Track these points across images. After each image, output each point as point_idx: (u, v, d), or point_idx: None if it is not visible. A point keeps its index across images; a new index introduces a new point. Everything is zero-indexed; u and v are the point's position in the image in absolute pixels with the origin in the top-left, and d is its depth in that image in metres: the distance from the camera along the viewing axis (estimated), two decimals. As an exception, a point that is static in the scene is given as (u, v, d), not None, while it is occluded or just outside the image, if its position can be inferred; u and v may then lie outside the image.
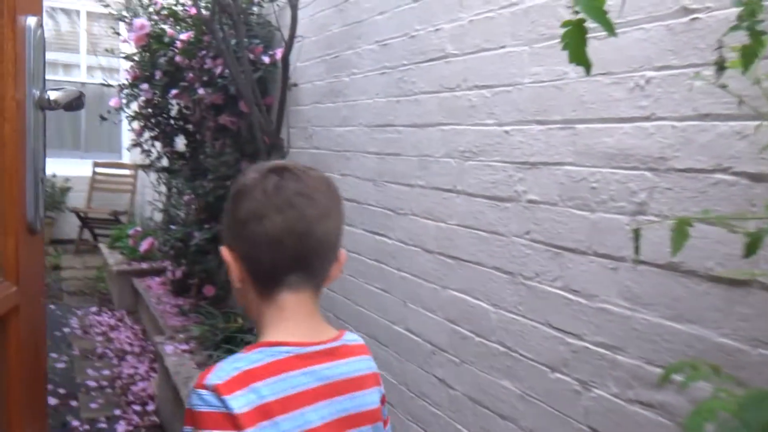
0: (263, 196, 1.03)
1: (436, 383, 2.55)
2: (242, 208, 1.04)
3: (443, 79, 2.50)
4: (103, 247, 6.94)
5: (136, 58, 5.10)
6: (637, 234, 1.45)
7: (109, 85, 5.47)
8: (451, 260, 2.47)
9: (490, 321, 2.27)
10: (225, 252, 1.06)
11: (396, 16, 2.80)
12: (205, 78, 4.19)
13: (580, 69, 1.08)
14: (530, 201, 2.09)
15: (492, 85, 2.25)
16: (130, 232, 6.01)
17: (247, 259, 1.03)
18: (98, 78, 8.15)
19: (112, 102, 5.31)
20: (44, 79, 1.03)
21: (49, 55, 8.81)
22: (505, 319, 2.20)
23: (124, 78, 5.33)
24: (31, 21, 0.96)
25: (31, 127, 0.98)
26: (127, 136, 7.46)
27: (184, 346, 3.83)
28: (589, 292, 1.85)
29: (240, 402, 0.92)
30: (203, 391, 0.93)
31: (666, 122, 1.64)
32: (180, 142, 5.39)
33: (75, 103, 0.99)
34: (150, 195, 6.37)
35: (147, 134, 5.36)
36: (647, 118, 1.68)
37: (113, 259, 6.36)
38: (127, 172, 8.62)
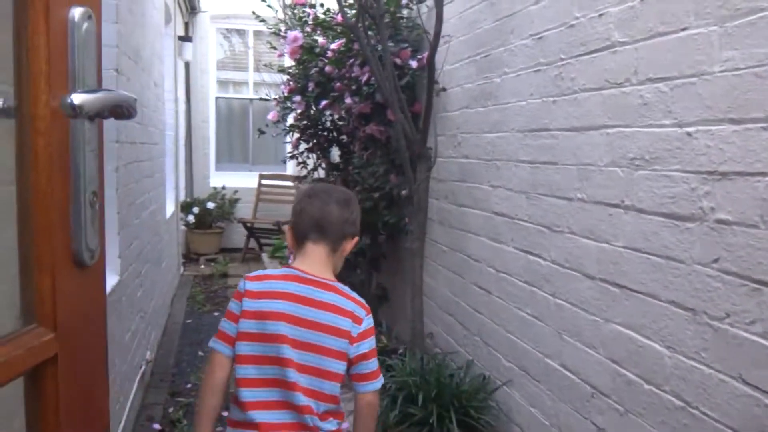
0: (303, 196, 1.80)
1: (595, 434, 2.18)
2: (296, 203, 1.81)
3: (608, 72, 2.15)
4: (265, 257, 7.18)
5: (291, 71, 5.17)
6: None
7: (266, 99, 5.60)
8: (615, 289, 2.11)
9: (664, 366, 1.87)
10: (287, 228, 1.81)
11: (553, 3, 2.48)
12: (353, 87, 4.09)
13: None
14: (720, 221, 1.67)
15: (670, 77, 1.87)
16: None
17: (293, 227, 1.78)
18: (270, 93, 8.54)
19: (270, 115, 5.44)
20: (98, 82, 0.86)
21: (224, 74, 9.39)
22: (682, 365, 1.79)
23: (281, 91, 5.43)
24: (76, 12, 0.80)
25: (73, 140, 0.81)
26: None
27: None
28: (805, 342, 1.41)
29: (250, 286, 1.71)
30: (241, 281, 1.74)
31: None
32: (335, 154, 5.39)
33: (118, 111, 0.81)
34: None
35: (302, 146, 5.42)
36: None
37: (272, 264, 6.52)
38: (289, 183, 8.91)
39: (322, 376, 1.66)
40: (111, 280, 3.12)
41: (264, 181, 9.18)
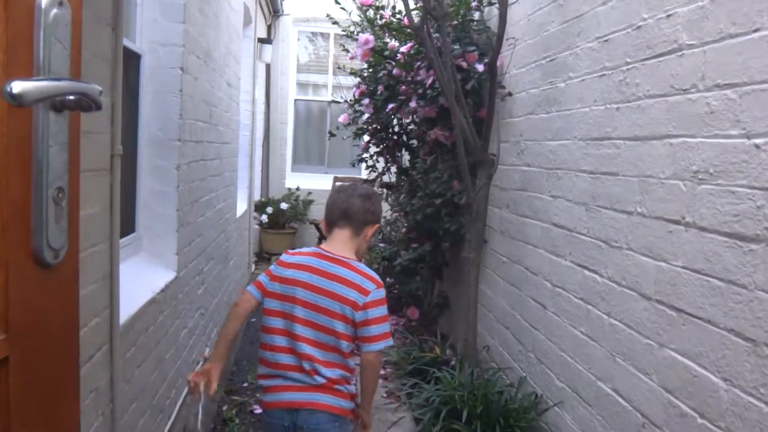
0: (333, 191, 2.23)
1: (645, 468, 2.04)
2: (328, 198, 2.22)
3: (674, 78, 2.00)
4: (333, 259, 7.21)
5: (363, 74, 5.18)
6: None
7: (338, 102, 5.63)
8: (672, 312, 1.96)
9: (720, 400, 1.71)
10: (322, 219, 2.21)
11: (620, 3, 2.34)
12: (419, 90, 4.04)
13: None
14: (785, 242, 1.51)
15: (739, 84, 1.72)
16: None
17: (325, 217, 2.20)
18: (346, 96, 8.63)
19: (341, 118, 5.47)
20: (74, 71, 0.84)
21: (304, 77, 9.55)
22: (740, 401, 1.63)
23: (353, 94, 5.46)
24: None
25: (39, 131, 0.79)
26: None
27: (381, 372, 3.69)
28: None
29: (284, 258, 2.18)
30: (283, 254, 2.22)
31: None
32: (405, 158, 5.36)
33: (75, 103, 0.78)
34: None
35: (372, 149, 5.42)
36: None
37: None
38: (362, 186, 8.95)
39: (325, 331, 2.07)
40: (167, 277, 3.19)
41: (338, 184, 9.25)
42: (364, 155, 5.50)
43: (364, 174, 8.52)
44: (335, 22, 5.15)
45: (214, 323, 4.63)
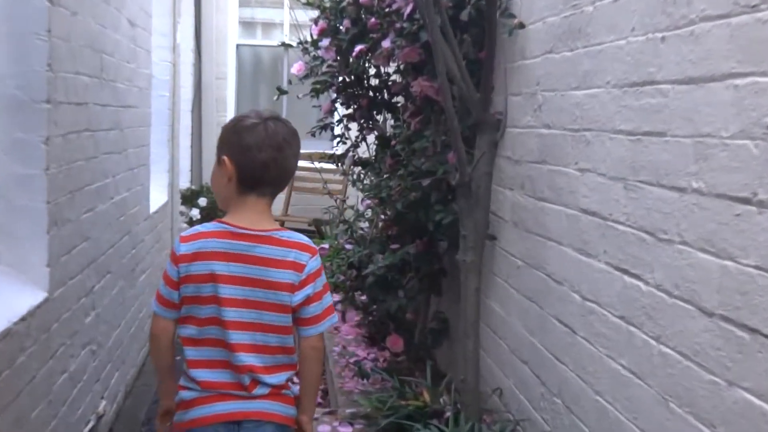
0: (265, 135, 2.25)
1: None
2: (248, 138, 2.25)
3: (739, -11, 1.94)
4: (292, 270, 7.17)
5: (326, 3, 5.09)
6: None
7: (289, 45, 5.56)
8: (744, 333, 1.94)
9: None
10: (227, 159, 2.26)
11: None
12: (397, 24, 3.97)
13: None
14: None
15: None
16: (315, 251, 6.09)
17: (240, 169, 2.25)
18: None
19: (295, 68, 5.37)
20: None
21: (249, 12, 9.47)
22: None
23: (310, 33, 5.36)
24: None
25: None
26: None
27: (347, 429, 3.63)
28: None
29: (184, 249, 2.28)
30: (176, 241, 2.32)
31: None
32: (389, 123, 5.30)
33: None
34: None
35: (340, 111, 5.35)
36: None
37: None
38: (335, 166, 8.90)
39: (266, 330, 2.28)
40: (32, 299, 3.12)
41: (301, 163, 9.21)
42: (330, 120, 5.44)
43: (334, 148, 8.47)
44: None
45: (115, 364, 4.56)
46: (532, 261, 3.29)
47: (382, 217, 4.43)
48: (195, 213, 8.25)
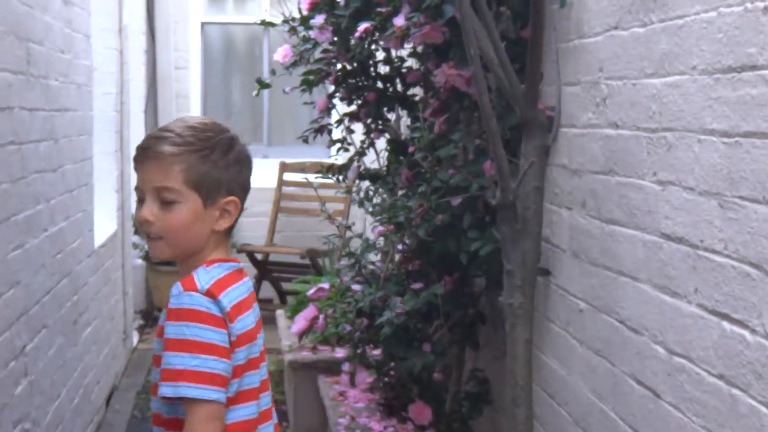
0: (245, 151, 2.45)
1: None
2: (236, 152, 2.38)
3: None
4: (281, 316, 7.19)
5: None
6: None
7: (270, 24, 5.58)
8: None
9: None
10: (236, 202, 2.39)
11: None
12: (413, -5, 4.01)
13: None
14: None
15: None
16: (310, 292, 6.09)
17: (241, 202, 2.44)
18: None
19: (280, 54, 5.38)
20: None
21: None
22: None
23: (298, 9, 5.38)
24: None
25: None
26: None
27: None
28: None
29: (228, 301, 2.27)
30: (197, 294, 2.25)
31: None
32: (404, 122, 5.33)
33: None
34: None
35: (339, 110, 5.38)
36: None
37: (290, 338, 6.50)
38: (332, 180, 8.91)
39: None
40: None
41: (288, 176, 9.23)
42: (326, 121, 5.45)
43: (333, 156, 8.50)
44: None
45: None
46: (600, 303, 3.30)
47: (399, 247, 4.42)
48: (152, 245, 8.27)
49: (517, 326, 3.50)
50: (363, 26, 4.43)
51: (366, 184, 5.42)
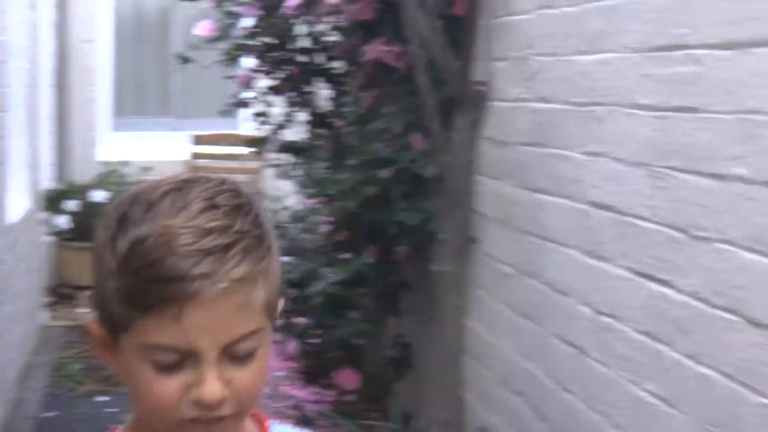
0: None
1: None
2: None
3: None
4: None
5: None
6: None
7: (189, -3, 5.59)
8: None
9: None
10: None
11: None
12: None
13: None
14: None
15: None
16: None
17: None
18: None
19: (204, 28, 5.39)
20: None
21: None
22: None
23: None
24: None
25: None
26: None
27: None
28: None
29: None
30: None
31: None
32: (324, 96, 5.35)
33: None
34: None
35: (261, 82, 5.40)
36: None
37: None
38: (245, 151, 8.86)
39: None
40: None
41: (200, 149, 9.14)
42: (248, 94, 5.48)
43: (249, 129, 8.51)
44: None
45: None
46: (527, 268, 3.41)
47: (328, 219, 4.49)
48: (62, 221, 8.16)
49: (449, 293, 3.60)
50: (293, 2, 4.50)
51: (287, 157, 5.47)
